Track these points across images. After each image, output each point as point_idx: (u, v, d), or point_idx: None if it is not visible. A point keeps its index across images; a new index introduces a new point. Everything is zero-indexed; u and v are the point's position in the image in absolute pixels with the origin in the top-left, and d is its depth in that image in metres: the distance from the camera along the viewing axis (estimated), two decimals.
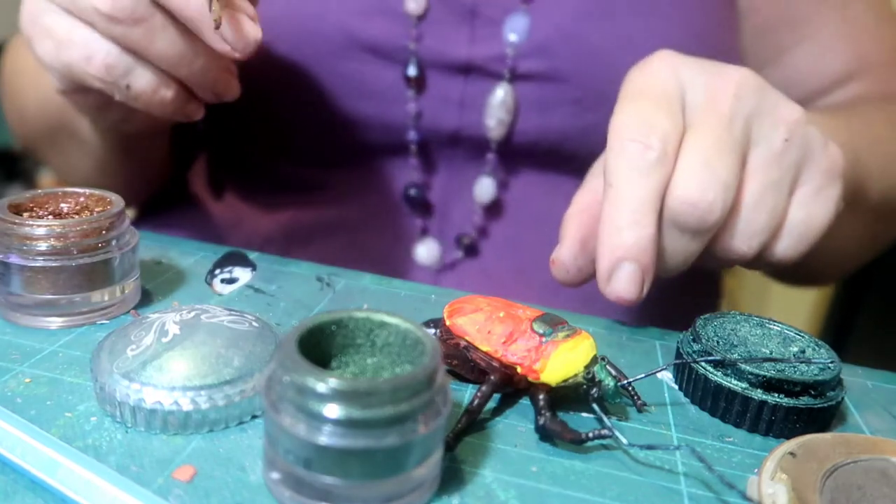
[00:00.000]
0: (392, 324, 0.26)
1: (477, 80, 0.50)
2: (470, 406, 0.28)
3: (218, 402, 0.26)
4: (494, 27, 0.49)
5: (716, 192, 0.33)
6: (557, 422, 0.28)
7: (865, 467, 0.26)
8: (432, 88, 0.50)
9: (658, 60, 0.37)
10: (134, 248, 0.34)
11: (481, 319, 0.31)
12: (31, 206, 0.34)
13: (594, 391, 0.29)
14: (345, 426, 0.22)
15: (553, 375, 0.28)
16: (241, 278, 0.40)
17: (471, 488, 0.25)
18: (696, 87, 0.36)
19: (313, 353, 0.24)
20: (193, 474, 0.24)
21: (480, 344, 0.30)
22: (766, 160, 0.36)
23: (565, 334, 0.29)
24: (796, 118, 0.36)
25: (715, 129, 0.35)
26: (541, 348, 0.29)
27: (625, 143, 0.34)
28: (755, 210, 0.35)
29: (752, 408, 0.30)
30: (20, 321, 0.33)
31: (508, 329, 0.30)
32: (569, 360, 0.29)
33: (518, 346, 0.29)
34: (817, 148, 0.37)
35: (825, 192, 0.37)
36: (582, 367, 0.29)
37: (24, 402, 0.27)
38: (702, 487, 0.26)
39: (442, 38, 0.49)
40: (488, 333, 0.30)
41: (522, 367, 0.29)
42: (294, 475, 0.23)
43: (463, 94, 0.50)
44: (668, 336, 0.38)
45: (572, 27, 0.48)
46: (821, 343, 0.33)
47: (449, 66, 0.50)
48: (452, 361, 0.31)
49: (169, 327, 0.29)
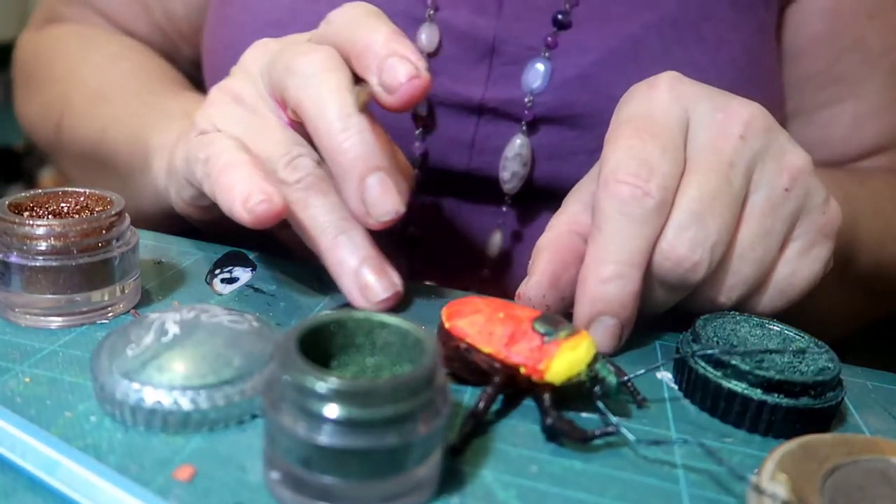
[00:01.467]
0: (392, 324, 0.26)
1: (490, 122, 0.47)
2: (475, 409, 0.28)
3: (218, 401, 0.26)
4: (514, 68, 0.47)
5: (703, 252, 0.32)
6: (565, 421, 0.28)
7: (865, 467, 0.26)
8: (442, 128, 0.48)
9: (664, 87, 0.35)
10: (134, 248, 0.34)
11: (481, 321, 0.31)
12: (32, 206, 0.34)
13: (597, 389, 0.29)
14: (344, 426, 0.22)
15: (557, 375, 0.28)
16: (241, 278, 0.40)
17: (471, 488, 0.25)
18: (702, 122, 0.34)
19: (313, 353, 0.24)
20: (193, 474, 0.24)
21: (482, 346, 0.30)
22: (763, 209, 0.34)
23: (567, 333, 0.29)
24: (801, 166, 0.35)
25: (714, 177, 0.33)
26: (543, 348, 0.29)
27: (620, 186, 0.32)
28: (742, 260, 0.34)
29: (752, 408, 0.30)
30: (20, 321, 0.33)
31: (510, 330, 0.30)
32: (572, 360, 0.29)
33: (521, 346, 0.29)
34: (817, 202, 0.35)
35: (815, 250, 0.36)
36: (584, 366, 0.29)
37: (24, 401, 0.27)
38: (702, 487, 0.26)
39: (456, 76, 0.47)
40: (489, 335, 0.30)
41: (526, 368, 0.29)
42: (294, 475, 0.23)
43: (474, 136, 0.48)
44: (667, 336, 0.38)
45: (595, 72, 0.46)
46: (821, 343, 0.33)
47: (462, 106, 0.47)
48: (453, 364, 0.31)
49: (169, 327, 0.29)
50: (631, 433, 0.28)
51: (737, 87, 0.46)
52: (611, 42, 0.46)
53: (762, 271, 0.35)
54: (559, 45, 0.47)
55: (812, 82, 0.52)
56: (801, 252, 0.35)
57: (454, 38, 0.47)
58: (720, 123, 0.34)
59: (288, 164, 0.36)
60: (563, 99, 0.46)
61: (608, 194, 0.32)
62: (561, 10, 0.46)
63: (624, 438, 0.28)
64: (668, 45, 0.47)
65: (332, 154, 0.34)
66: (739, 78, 0.48)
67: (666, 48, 0.46)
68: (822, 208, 0.35)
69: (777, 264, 0.35)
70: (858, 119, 0.53)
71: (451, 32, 0.47)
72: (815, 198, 0.35)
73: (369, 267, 0.35)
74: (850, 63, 0.52)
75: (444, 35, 0.47)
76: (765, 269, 0.35)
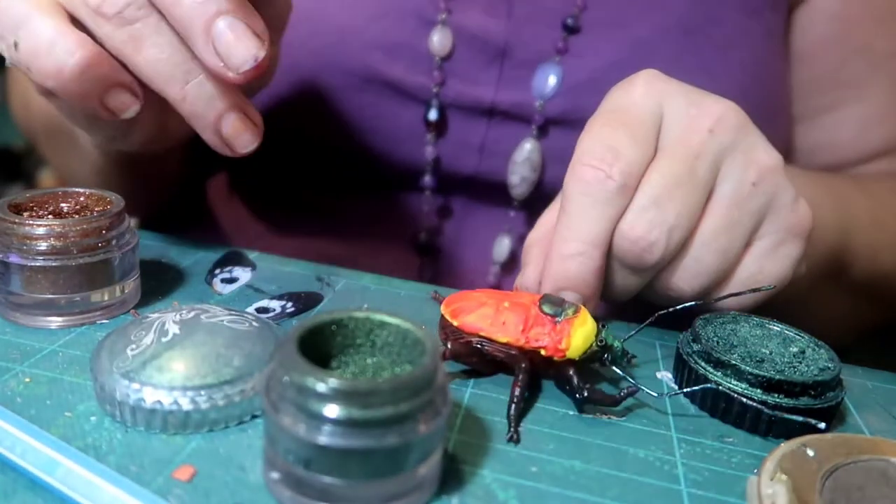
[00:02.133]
0: (392, 324, 0.26)
1: (500, 125, 0.47)
2: (515, 398, 0.29)
3: (218, 401, 0.26)
4: (524, 71, 0.47)
5: (659, 233, 0.33)
6: (597, 391, 0.30)
7: (865, 467, 0.26)
8: (453, 130, 0.48)
9: (642, 82, 0.36)
10: (134, 248, 0.34)
11: (491, 313, 0.31)
12: (31, 206, 0.34)
13: (607, 356, 0.31)
14: (345, 426, 0.22)
15: (577, 350, 0.30)
16: (241, 278, 0.40)
17: (471, 488, 0.25)
18: (675, 115, 0.35)
19: (313, 353, 0.24)
20: (193, 474, 0.24)
21: (499, 336, 0.31)
22: (729, 200, 0.34)
23: (573, 311, 0.31)
24: (770, 165, 0.35)
25: (678, 165, 0.34)
26: (557, 328, 0.31)
27: (585, 169, 0.33)
28: (704, 248, 0.34)
29: (752, 408, 0.30)
30: (20, 321, 0.33)
31: (521, 317, 0.31)
32: (585, 334, 0.31)
33: (537, 331, 0.31)
34: (786, 201, 0.35)
35: (784, 249, 0.36)
36: (594, 337, 0.31)
37: (24, 401, 0.27)
38: (702, 487, 0.26)
39: (467, 78, 0.47)
40: (503, 325, 0.31)
41: (547, 350, 0.30)
42: (294, 475, 0.23)
43: (484, 139, 0.48)
44: (668, 336, 0.38)
45: (606, 77, 0.45)
46: (821, 343, 0.33)
47: (472, 109, 0.47)
48: (472, 359, 0.32)
49: (169, 327, 0.29)
50: (627, 434, 0.29)
51: (747, 91, 0.46)
52: (621, 46, 0.46)
53: (726, 263, 0.35)
54: (569, 49, 0.47)
55: (819, 85, 0.52)
56: (769, 250, 0.36)
57: (465, 41, 0.47)
58: (692, 118, 0.35)
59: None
60: (574, 103, 0.46)
61: (574, 177, 0.34)
62: (570, 15, 0.46)
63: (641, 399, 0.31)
64: (678, 49, 0.47)
65: (166, 5, 0.30)
66: (750, 82, 0.48)
67: (676, 53, 0.47)
68: (792, 207, 0.35)
69: (743, 259, 0.36)
70: (864, 122, 0.53)
71: (463, 35, 0.47)
72: (783, 196, 0.35)
73: (230, 119, 0.33)
74: (856, 67, 0.52)
75: (456, 38, 0.47)
76: (729, 261, 0.35)
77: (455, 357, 0.32)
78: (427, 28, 0.46)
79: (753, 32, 0.48)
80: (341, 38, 0.46)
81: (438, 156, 0.48)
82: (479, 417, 0.29)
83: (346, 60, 0.46)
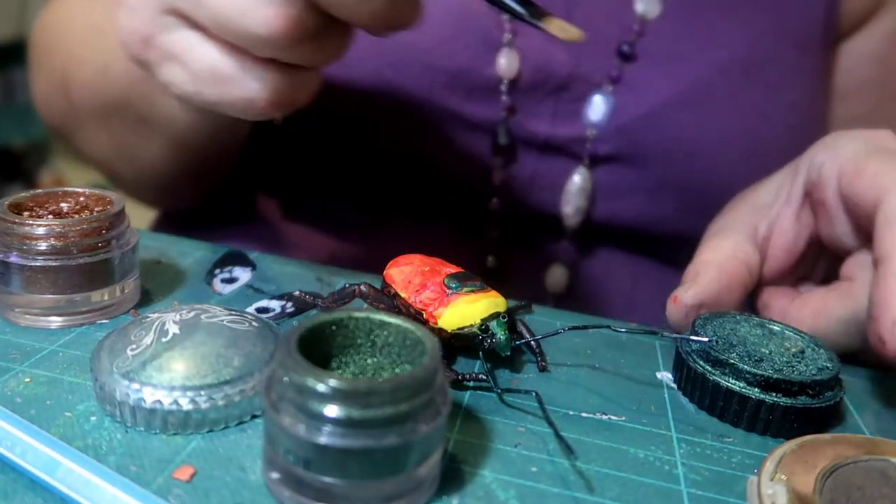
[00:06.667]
0: (392, 324, 0.26)
1: (554, 161, 0.47)
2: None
3: (218, 401, 0.26)
4: (578, 104, 0.46)
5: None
6: (451, 370, 0.31)
7: (865, 467, 0.26)
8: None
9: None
10: (134, 248, 0.34)
11: (408, 271, 0.34)
12: (32, 206, 0.34)
13: (487, 342, 0.31)
14: (345, 426, 0.22)
15: (448, 323, 0.32)
16: (241, 278, 0.40)
17: (471, 488, 0.25)
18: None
19: (313, 353, 0.24)
20: (193, 474, 0.24)
21: (400, 291, 0.33)
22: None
23: (469, 290, 0.32)
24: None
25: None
26: (444, 299, 0.32)
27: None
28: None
29: (750, 407, 0.30)
30: (20, 321, 0.33)
31: (424, 280, 0.33)
32: (465, 312, 0.32)
33: (426, 294, 0.33)
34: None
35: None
36: (478, 320, 0.31)
37: (24, 401, 0.27)
38: (702, 487, 0.26)
39: (527, 111, 0.46)
40: (408, 283, 0.34)
41: (426, 313, 0.32)
42: (294, 475, 0.23)
43: (534, 174, 0.47)
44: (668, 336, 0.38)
45: (662, 112, 0.45)
46: (820, 343, 0.33)
47: (526, 142, 0.46)
48: (379, 305, 0.34)
49: (169, 327, 0.29)
50: (626, 433, 0.29)
51: (796, 132, 0.46)
52: (679, 82, 0.45)
53: None
54: (624, 79, 0.46)
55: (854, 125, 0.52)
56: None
57: (530, 68, 0.46)
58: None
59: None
60: (627, 137, 0.46)
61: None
62: (626, 42, 0.45)
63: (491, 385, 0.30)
64: (734, 88, 0.46)
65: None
66: (798, 123, 0.47)
67: (732, 91, 0.46)
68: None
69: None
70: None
71: (528, 61, 0.45)
72: None
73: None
74: (891, 113, 0.51)
75: (522, 63, 0.45)
76: None
77: (363, 297, 0.34)
78: (490, 52, 0.45)
79: (806, 71, 0.48)
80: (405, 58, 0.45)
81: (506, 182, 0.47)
82: (479, 417, 0.29)
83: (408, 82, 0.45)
